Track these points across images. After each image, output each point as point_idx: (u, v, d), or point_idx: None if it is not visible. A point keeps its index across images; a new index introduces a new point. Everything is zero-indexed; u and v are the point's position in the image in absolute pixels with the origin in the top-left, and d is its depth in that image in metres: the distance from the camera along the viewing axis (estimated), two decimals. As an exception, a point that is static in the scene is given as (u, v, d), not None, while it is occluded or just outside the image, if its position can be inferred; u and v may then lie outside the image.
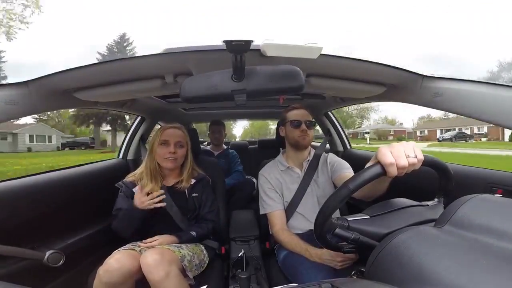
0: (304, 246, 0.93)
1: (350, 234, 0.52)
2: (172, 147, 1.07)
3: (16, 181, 1.00)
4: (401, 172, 0.50)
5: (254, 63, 0.60)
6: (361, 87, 1.02)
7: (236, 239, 1.25)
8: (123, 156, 1.77)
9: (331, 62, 0.82)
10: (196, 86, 0.58)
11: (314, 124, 1.13)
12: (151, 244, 0.95)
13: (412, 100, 0.96)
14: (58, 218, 1.10)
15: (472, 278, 0.30)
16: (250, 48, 0.49)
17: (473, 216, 0.40)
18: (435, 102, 0.86)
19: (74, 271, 1.11)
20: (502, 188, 0.81)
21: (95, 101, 1.07)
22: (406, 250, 0.38)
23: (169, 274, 0.80)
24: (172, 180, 1.14)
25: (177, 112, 2.06)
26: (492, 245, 0.34)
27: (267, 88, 0.58)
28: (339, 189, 0.52)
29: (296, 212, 1.09)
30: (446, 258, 0.34)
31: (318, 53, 0.53)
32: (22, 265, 0.90)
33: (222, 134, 2.22)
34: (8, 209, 0.90)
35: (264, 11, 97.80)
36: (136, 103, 1.41)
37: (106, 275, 0.79)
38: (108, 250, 0.89)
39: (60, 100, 0.93)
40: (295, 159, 1.17)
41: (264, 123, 36.71)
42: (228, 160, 2.17)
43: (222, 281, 1.09)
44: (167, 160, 1.07)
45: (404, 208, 0.56)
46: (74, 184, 1.24)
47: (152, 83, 0.91)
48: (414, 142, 0.53)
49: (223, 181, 1.42)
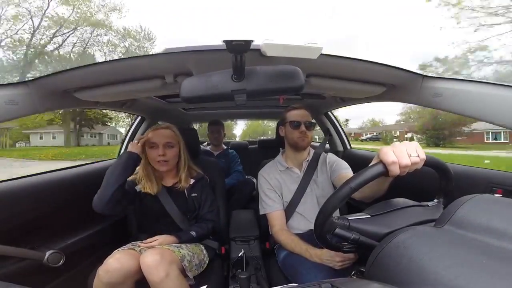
0: (304, 246, 0.93)
1: (350, 234, 0.52)
2: (161, 149, 1.04)
3: (16, 181, 1.00)
4: (403, 172, 0.50)
5: (254, 63, 0.60)
6: (361, 87, 1.02)
7: (236, 239, 1.25)
8: None
9: (331, 62, 0.82)
10: (196, 86, 0.58)
11: (313, 125, 1.13)
12: (151, 244, 0.95)
13: (412, 100, 0.96)
14: (58, 218, 1.10)
15: (472, 278, 0.30)
16: (250, 48, 0.49)
17: (473, 216, 0.40)
18: (435, 102, 0.86)
19: (74, 271, 1.11)
20: (502, 188, 0.81)
21: (95, 101, 1.07)
22: (406, 250, 0.38)
23: (169, 274, 0.80)
24: (171, 181, 1.14)
25: (177, 112, 2.06)
26: (492, 245, 0.34)
27: (267, 88, 0.57)
28: (341, 187, 0.52)
29: (295, 212, 1.09)
30: (446, 258, 0.34)
31: (318, 53, 0.53)
32: (22, 265, 0.90)
33: (221, 134, 2.22)
34: (8, 209, 0.90)
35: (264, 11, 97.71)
36: (136, 103, 1.41)
37: (106, 275, 0.79)
38: (108, 250, 0.89)
39: (60, 100, 0.93)
40: (295, 159, 1.17)
41: (258, 123, 37.24)
42: (228, 160, 2.16)
43: (222, 281, 1.09)
44: (158, 163, 1.05)
45: (404, 208, 0.56)
46: (74, 184, 1.24)
47: (152, 83, 0.91)
48: (416, 142, 0.53)
49: (223, 181, 1.42)
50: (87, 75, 0.83)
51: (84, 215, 1.23)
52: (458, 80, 0.80)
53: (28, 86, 0.79)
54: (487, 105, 0.72)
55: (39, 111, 0.86)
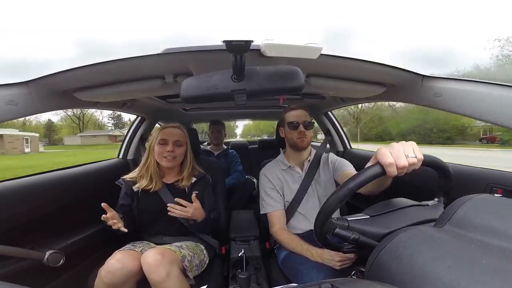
0: (305, 245, 0.93)
1: (350, 234, 0.52)
2: (171, 146, 1.07)
3: (16, 181, 1.00)
4: (401, 172, 0.50)
5: (254, 63, 0.60)
6: (361, 87, 1.02)
7: (236, 239, 1.25)
8: (123, 156, 1.77)
9: (331, 62, 0.81)
10: (196, 86, 0.58)
11: (312, 124, 1.13)
12: (185, 210, 0.95)
13: (412, 100, 0.96)
14: (58, 218, 1.10)
15: (472, 278, 0.30)
16: (250, 48, 0.49)
17: (473, 216, 0.40)
18: (435, 102, 0.86)
19: (74, 271, 1.11)
20: (502, 188, 0.81)
21: (95, 101, 1.07)
22: (406, 250, 0.38)
23: (170, 274, 0.80)
24: (172, 178, 1.14)
25: (177, 112, 2.06)
26: (492, 245, 0.34)
27: (267, 88, 0.57)
28: (339, 189, 0.52)
29: (297, 212, 1.09)
30: (446, 258, 0.34)
31: (318, 53, 0.53)
32: (22, 265, 0.90)
33: (222, 134, 2.22)
34: (8, 209, 0.90)
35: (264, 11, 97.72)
36: (136, 103, 1.41)
37: (107, 275, 0.79)
38: (108, 250, 0.89)
39: (60, 100, 0.93)
40: (296, 159, 1.17)
41: (256, 123, 37.37)
42: (228, 160, 2.16)
43: (222, 281, 1.09)
44: (165, 159, 1.07)
45: (404, 208, 0.56)
46: (74, 184, 1.24)
47: (152, 83, 0.91)
48: (414, 142, 0.53)
49: (223, 181, 1.42)
50: (87, 75, 0.83)
51: (84, 215, 1.24)
52: (458, 80, 0.80)
53: (28, 86, 0.78)
54: (487, 105, 0.72)
55: (39, 111, 0.86)
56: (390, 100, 1.13)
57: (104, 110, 8.25)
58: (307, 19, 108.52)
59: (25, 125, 36.09)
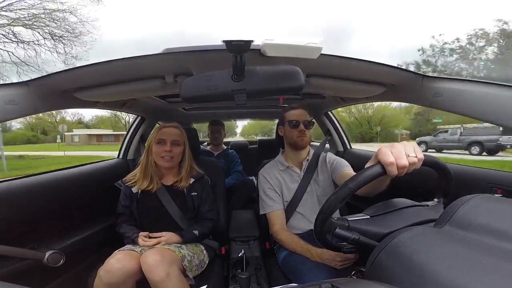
0: (305, 245, 0.93)
1: (350, 234, 0.52)
2: (168, 145, 1.07)
3: (16, 181, 1.00)
4: (401, 172, 0.50)
5: (254, 63, 0.60)
6: (361, 87, 1.02)
7: (236, 239, 1.25)
8: (123, 156, 1.77)
9: (331, 62, 0.81)
10: (196, 86, 0.58)
11: (312, 124, 1.13)
12: (156, 240, 0.96)
13: (412, 100, 0.96)
14: (58, 218, 1.10)
15: (472, 278, 0.30)
16: (250, 48, 0.49)
17: (473, 216, 0.40)
18: (435, 102, 0.86)
19: (74, 271, 1.11)
20: (502, 188, 0.81)
21: (95, 101, 1.07)
22: (406, 250, 0.38)
23: (169, 274, 0.80)
24: (171, 179, 1.14)
25: (177, 112, 2.06)
26: (492, 245, 0.34)
27: (267, 88, 0.58)
28: (339, 188, 0.52)
29: (296, 212, 1.09)
30: (446, 258, 0.34)
31: (318, 53, 0.54)
32: (22, 265, 0.90)
33: (222, 134, 2.22)
34: (8, 209, 0.90)
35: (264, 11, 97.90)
36: (136, 103, 1.41)
37: (107, 275, 0.79)
38: (108, 250, 0.89)
39: (60, 100, 0.93)
40: (294, 159, 1.17)
41: (255, 124, 37.76)
42: (228, 160, 2.16)
43: (222, 281, 1.09)
44: (163, 159, 1.07)
45: (404, 208, 0.56)
46: (74, 184, 1.24)
47: (152, 83, 0.91)
48: (414, 142, 0.53)
49: (223, 181, 1.42)
50: (87, 75, 0.83)
51: (84, 215, 1.24)
52: (458, 80, 0.80)
53: (28, 86, 0.79)
54: (487, 105, 0.72)
55: (39, 111, 0.86)
56: (390, 100, 1.14)
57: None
58: (307, 19, 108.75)
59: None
